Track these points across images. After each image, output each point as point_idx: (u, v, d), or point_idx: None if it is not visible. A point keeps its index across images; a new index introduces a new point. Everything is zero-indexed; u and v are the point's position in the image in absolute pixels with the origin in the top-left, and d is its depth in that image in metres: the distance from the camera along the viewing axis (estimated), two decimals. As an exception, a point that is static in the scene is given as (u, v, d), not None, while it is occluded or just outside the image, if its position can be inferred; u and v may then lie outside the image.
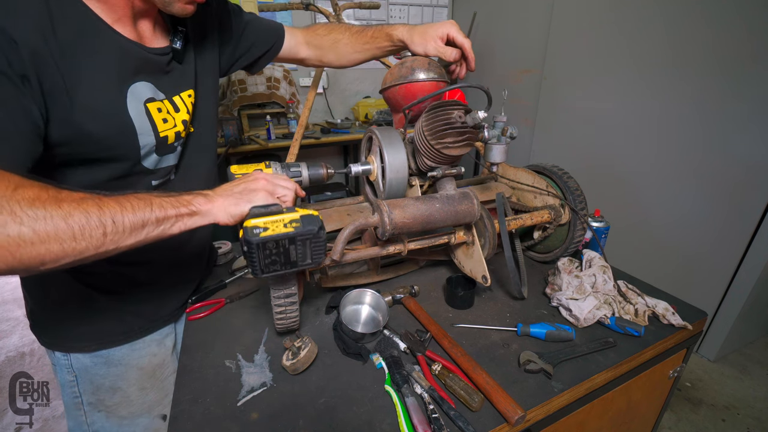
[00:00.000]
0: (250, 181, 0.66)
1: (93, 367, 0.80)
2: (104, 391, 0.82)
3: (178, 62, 0.75)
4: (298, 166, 0.81)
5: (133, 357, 0.84)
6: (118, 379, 0.83)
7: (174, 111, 0.74)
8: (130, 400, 0.85)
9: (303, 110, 1.62)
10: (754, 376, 1.98)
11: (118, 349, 0.82)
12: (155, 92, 0.70)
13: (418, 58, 0.92)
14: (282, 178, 0.69)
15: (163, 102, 0.72)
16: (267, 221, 0.61)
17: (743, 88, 1.71)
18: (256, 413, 0.67)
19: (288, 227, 0.61)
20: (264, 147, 2.77)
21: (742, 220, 1.81)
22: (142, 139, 0.67)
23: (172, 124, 0.73)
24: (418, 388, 0.70)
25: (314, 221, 0.63)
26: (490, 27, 3.19)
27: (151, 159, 0.72)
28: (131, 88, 0.65)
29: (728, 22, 1.73)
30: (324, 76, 3.38)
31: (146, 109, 0.68)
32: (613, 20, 2.19)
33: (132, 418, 0.86)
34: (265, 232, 0.59)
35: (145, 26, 0.69)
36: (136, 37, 0.67)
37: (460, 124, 0.77)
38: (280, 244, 0.61)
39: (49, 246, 0.45)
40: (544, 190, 1.06)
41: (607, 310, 0.87)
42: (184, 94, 0.76)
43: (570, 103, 2.53)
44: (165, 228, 0.57)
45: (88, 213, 0.48)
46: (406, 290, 0.97)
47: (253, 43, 0.93)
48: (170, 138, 0.73)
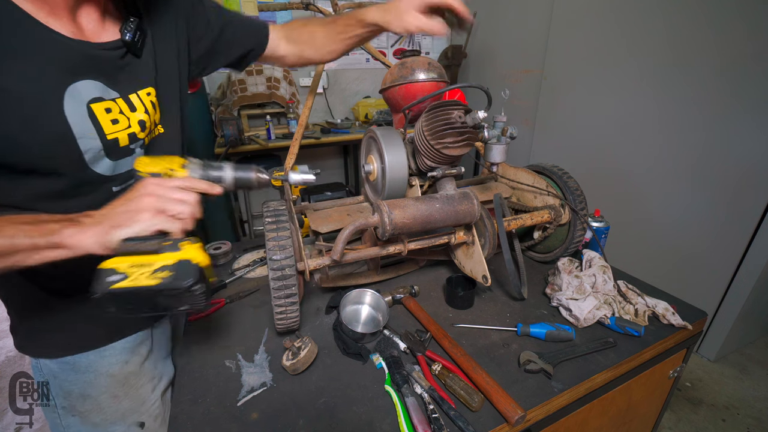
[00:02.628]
0: (135, 197, 0.56)
1: (61, 373, 0.77)
2: (75, 398, 0.78)
3: (135, 56, 0.67)
4: (221, 168, 0.70)
5: (102, 364, 0.79)
6: (88, 386, 0.78)
7: (129, 110, 0.66)
8: (101, 408, 0.80)
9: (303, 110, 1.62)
10: (754, 376, 1.98)
11: (84, 356, 0.77)
12: (105, 91, 0.63)
13: (418, 58, 0.92)
14: (179, 190, 0.59)
15: (116, 101, 0.65)
16: (134, 263, 0.51)
17: (743, 88, 1.71)
18: (256, 413, 0.67)
19: (154, 277, 0.50)
20: (264, 147, 2.77)
21: (742, 220, 1.81)
22: (83, 144, 0.60)
23: (124, 125, 0.66)
24: (418, 388, 0.70)
25: (191, 273, 0.52)
26: (490, 27, 3.19)
27: (103, 164, 0.65)
28: (69, 89, 0.58)
29: (729, 22, 1.73)
30: (324, 76, 3.38)
31: (89, 110, 0.61)
32: (613, 20, 2.19)
33: (105, 425, 0.82)
34: (120, 282, 0.49)
35: (88, 18, 0.62)
36: (76, 32, 0.59)
37: (460, 124, 0.77)
38: (139, 297, 0.51)
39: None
40: (544, 190, 1.06)
41: (607, 310, 0.87)
42: (142, 93, 0.69)
43: (570, 103, 2.53)
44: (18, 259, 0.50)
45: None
46: (406, 290, 0.97)
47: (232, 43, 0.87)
48: (122, 140, 0.66)
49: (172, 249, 0.53)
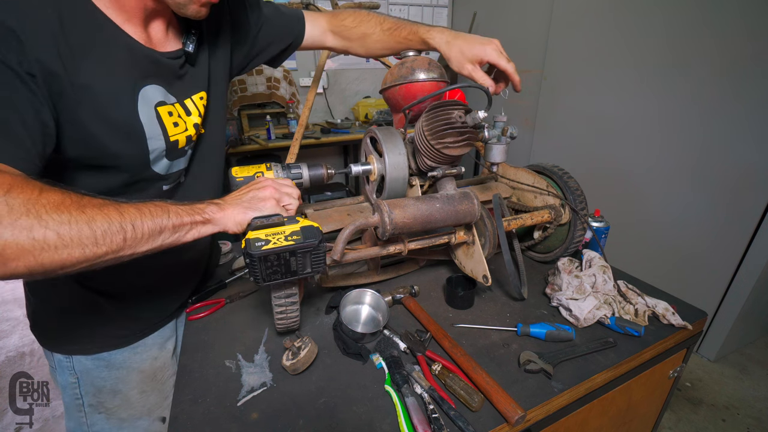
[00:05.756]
0: (257, 188, 0.67)
1: (94, 370, 0.80)
2: (105, 394, 0.82)
3: (191, 65, 0.73)
4: (299, 167, 0.81)
5: (134, 360, 0.84)
6: (119, 382, 0.83)
7: (185, 114, 0.72)
8: (130, 403, 0.85)
9: (303, 110, 1.62)
10: (754, 376, 1.98)
11: (119, 352, 0.82)
12: (166, 96, 0.69)
13: (418, 57, 0.92)
14: (287, 185, 0.70)
15: (174, 106, 0.70)
16: (269, 233, 0.62)
17: (743, 88, 1.71)
18: (256, 413, 0.67)
19: (289, 240, 0.62)
20: (264, 147, 2.77)
21: (742, 220, 1.81)
22: (151, 144, 0.66)
23: (183, 128, 0.72)
24: (418, 388, 0.70)
25: (315, 234, 0.64)
26: (490, 27, 3.19)
27: (161, 164, 0.71)
28: (142, 91, 0.64)
29: (728, 22, 1.73)
30: (324, 76, 3.38)
31: (156, 113, 0.67)
32: (613, 20, 2.19)
33: (132, 420, 0.86)
34: (267, 245, 0.60)
35: (157, 28, 0.67)
36: (146, 40, 0.65)
37: (460, 124, 0.77)
38: (281, 257, 0.62)
39: (71, 250, 0.46)
40: (544, 190, 1.05)
41: (607, 310, 0.87)
42: (195, 97, 0.75)
43: (570, 103, 2.53)
44: (180, 235, 0.58)
45: (109, 218, 0.49)
46: (406, 290, 0.97)
47: (270, 42, 0.90)
48: (181, 142, 0.72)
49: (292, 222, 0.66)
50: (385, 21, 0.93)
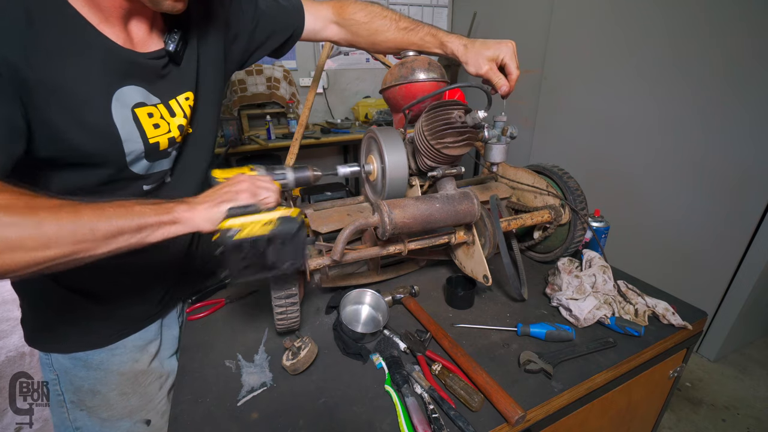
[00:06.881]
0: (232, 183, 0.65)
1: (72, 369, 0.79)
2: (84, 393, 0.81)
3: (176, 64, 0.71)
4: (283, 168, 0.79)
5: (113, 362, 0.81)
6: (98, 383, 0.81)
7: (169, 115, 0.70)
8: (110, 404, 0.83)
9: (303, 110, 1.62)
10: (754, 376, 1.98)
11: (96, 353, 0.80)
12: (147, 97, 0.67)
13: (418, 57, 0.92)
14: (265, 180, 0.68)
15: (156, 107, 0.68)
16: (243, 222, 0.59)
17: (743, 88, 1.71)
18: (256, 413, 0.67)
19: (265, 228, 0.58)
20: (264, 147, 2.77)
21: (742, 220, 1.80)
22: (127, 146, 0.64)
23: (165, 130, 0.69)
24: (418, 388, 0.70)
25: (292, 221, 0.60)
26: (490, 27, 3.19)
27: (140, 165, 0.69)
28: (117, 93, 0.62)
29: (728, 22, 1.73)
30: (324, 76, 3.38)
31: (134, 114, 0.64)
32: (613, 20, 2.19)
33: (113, 421, 0.84)
34: (240, 234, 0.57)
35: (138, 28, 0.65)
36: (125, 40, 0.63)
37: (460, 124, 0.77)
38: (257, 245, 0.58)
39: (13, 255, 0.44)
40: (544, 190, 1.06)
41: (607, 310, 0.87)
42: (181, 98, 0.73)
43: (570, 103, 2.53)
44: (144, 236, 0.55)
45: (60, 221, 0.47)
46: (406, 290, 0.97)
47: (269, 36, 0.88)
48: (162, 144, 0.70)
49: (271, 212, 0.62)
50: (401, 19, 0.91)
